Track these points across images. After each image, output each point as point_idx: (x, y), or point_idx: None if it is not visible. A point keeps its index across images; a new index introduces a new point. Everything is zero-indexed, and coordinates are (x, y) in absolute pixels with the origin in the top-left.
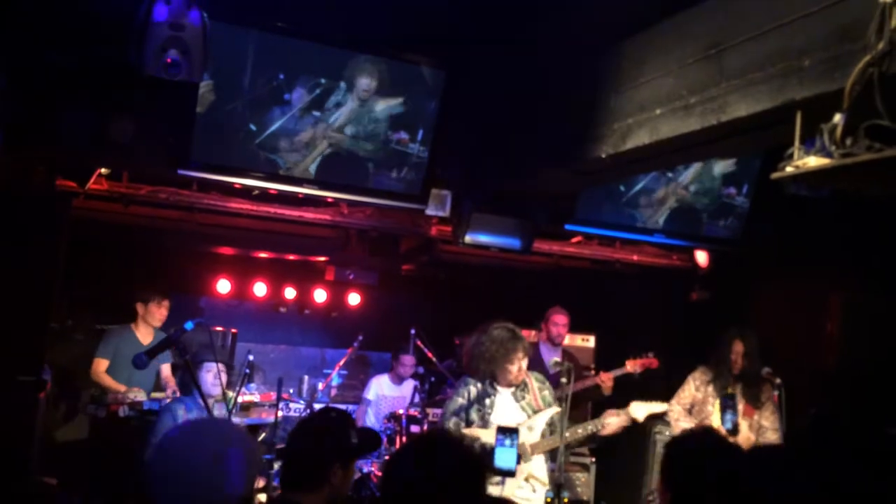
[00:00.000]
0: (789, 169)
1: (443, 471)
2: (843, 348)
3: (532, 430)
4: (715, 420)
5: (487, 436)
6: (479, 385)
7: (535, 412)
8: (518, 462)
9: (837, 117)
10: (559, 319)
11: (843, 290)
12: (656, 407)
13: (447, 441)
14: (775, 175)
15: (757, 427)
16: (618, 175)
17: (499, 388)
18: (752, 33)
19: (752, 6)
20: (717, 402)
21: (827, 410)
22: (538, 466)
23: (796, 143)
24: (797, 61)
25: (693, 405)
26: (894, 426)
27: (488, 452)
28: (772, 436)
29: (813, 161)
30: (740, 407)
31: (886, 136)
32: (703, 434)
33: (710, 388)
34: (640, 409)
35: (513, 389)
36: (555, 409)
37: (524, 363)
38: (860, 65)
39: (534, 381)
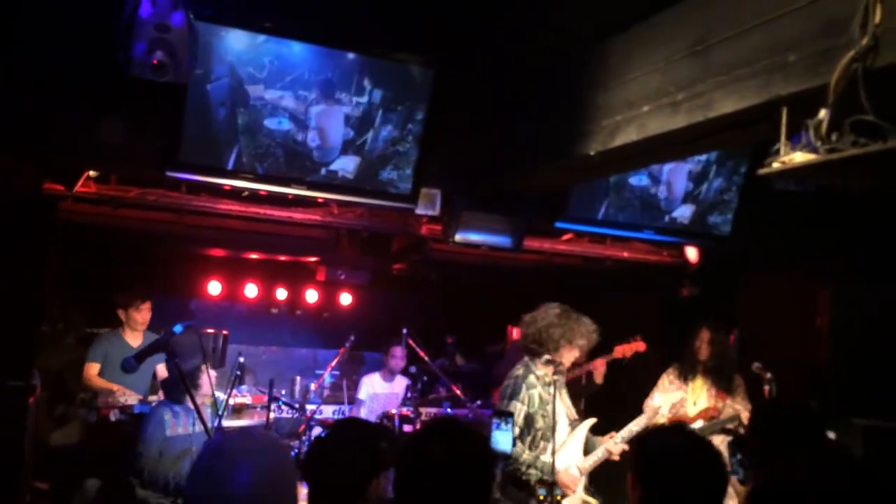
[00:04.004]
0: (776, 165)
1: (457, 449)
2: (833, 342)
3: (575, 450)
4: (689, 407)
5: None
6: (537, 387)
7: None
8: (514, 444)
9: (822, 113)
10: None
11: (832, 285)
12: (674, 396)
13: (460, 423)
14: (762, 171)
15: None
16: (608, 172)
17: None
18: (737, 29)
19: (737, 2)
20: (689, 390)
21: (768, 403)
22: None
23: (782, 138)
24: (782, 57)
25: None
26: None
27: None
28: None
29: (799, 157)
30: (713, 391)
31: (871, 131)
32: (674, 430)
33: (681, 380)
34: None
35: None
36: (591, 422)
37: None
38: (844, 60)
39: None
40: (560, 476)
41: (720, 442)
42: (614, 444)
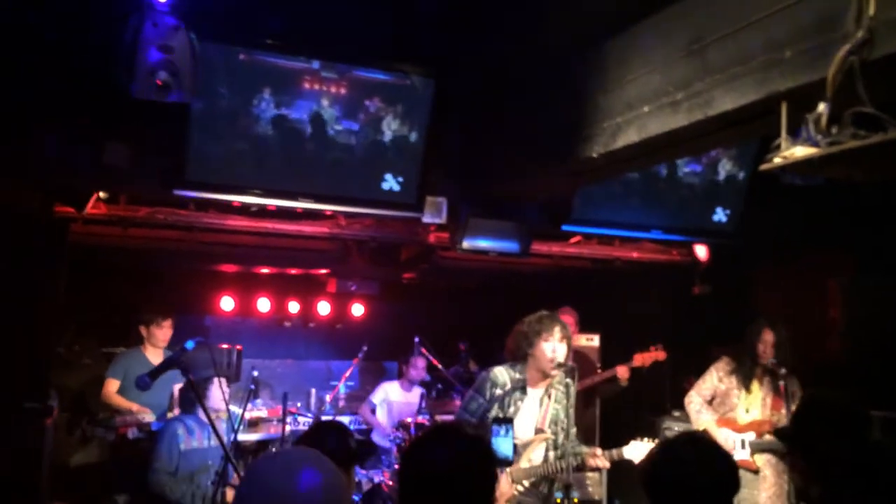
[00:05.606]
0: (777, 160)
1: (458, 455)
2: (845, 334)
3: (519, 457)
4: (740, 413)
5: None
6: (508, 387)
7: (538, 431)
8: (514, 451)
9: (821, 106)
10: (564, 319)
11: (842, 276)
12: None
13: (461, 429)
14: (764, 166)
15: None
16: (611, 174)
17: (529, 390)
18: (733, 27)
19: (732, 0)
20: (742, 393)
21: (819, 395)
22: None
23: (783, 133)
24: (779, 53)
25: (715, 396)
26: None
27: None
28: None
29: (800, 151)
30: (768, 400)
31: (871, 122)
32: (689, 443)
33: (734, 379)
34: (637, 450)
35: (542, 393)
36: (544, 436)
37: (561, 349)
38: (840, 53)
39: (554, 391)
40: None
41: (765, 462)
42: (593, 456)
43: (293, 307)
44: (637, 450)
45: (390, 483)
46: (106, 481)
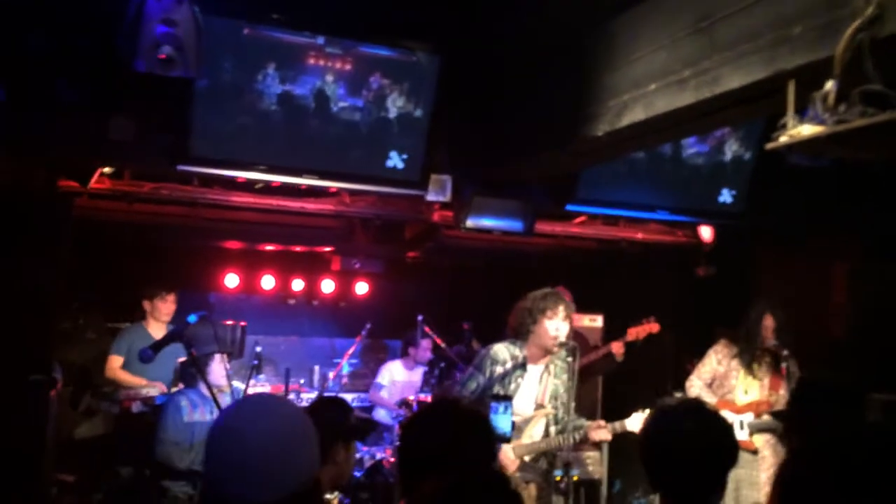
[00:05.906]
0: (783, 139)
1: (456, 430)
2: (850, 317)
3: (520, 433)
4: (738, 394)
5: None
6: (508, 364)
7: (538, 406)
8: (512, 429)
9: (829, 84)
10: None
11: (847, 260)
12: None
13: (459, 405)
14: (770, 145)
15: (784, 402)
16: (616, 153)
17: (529, 366)
18: (741, 4)
19: None
20: (740, 375)
21: (814, 376)
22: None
23: (790, 112)
24: (787, 30)
25: (714, 379)
26: (879, 392)
27: None
28: None
29: (807, 129)
30: (766, 381)
31: (879, 100)
32: (687, 410)
33: (734, 362)
34: (640, 422)
35: (541, 369)
36: (545, 411)
37: (564, 328)
38: (849, 31)
39: (553, 367)
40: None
41: (764, 443)
42: (597, 427)
43: (297, 285)
44: (640, 422)
45: (392, 460)
46: (110, 454)
